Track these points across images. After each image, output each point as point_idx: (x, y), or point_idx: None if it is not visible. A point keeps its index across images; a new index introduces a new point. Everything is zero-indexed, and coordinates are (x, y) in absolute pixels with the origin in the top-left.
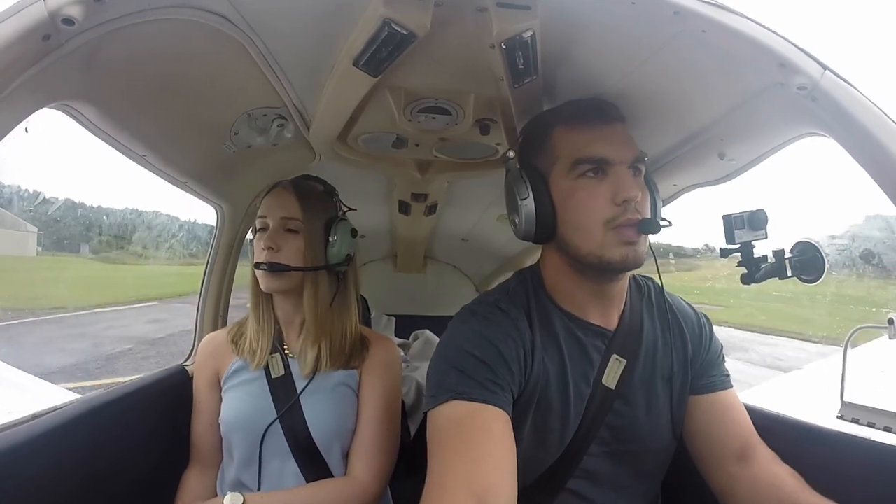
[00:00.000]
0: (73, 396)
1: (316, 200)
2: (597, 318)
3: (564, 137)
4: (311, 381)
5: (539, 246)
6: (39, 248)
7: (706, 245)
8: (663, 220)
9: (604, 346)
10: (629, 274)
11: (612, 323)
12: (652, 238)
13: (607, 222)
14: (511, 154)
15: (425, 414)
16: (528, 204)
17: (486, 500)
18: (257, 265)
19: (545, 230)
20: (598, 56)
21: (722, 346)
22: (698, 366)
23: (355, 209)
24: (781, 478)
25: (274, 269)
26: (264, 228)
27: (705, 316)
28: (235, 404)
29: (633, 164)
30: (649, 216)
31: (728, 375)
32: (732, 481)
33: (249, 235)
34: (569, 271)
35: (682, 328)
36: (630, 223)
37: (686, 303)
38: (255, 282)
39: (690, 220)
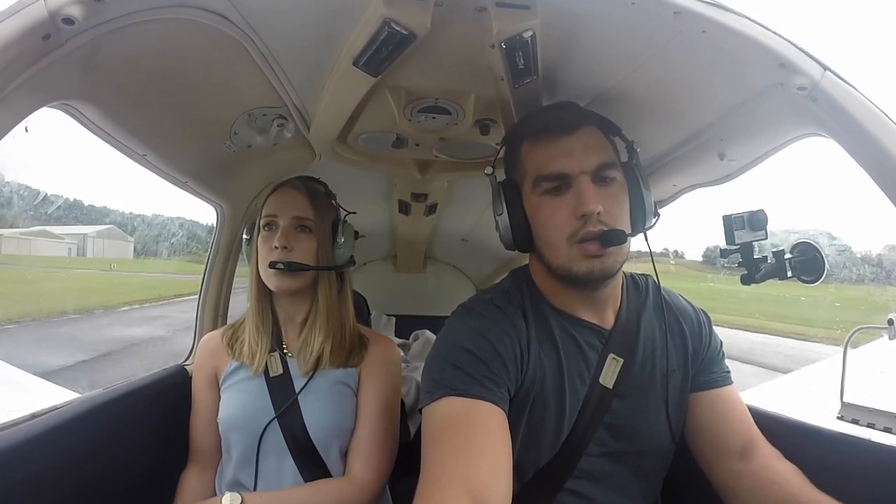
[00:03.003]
0: (73, 395)
1: (323, 201)
2: (591, 318)
3: (529, 153)
4: (310, 378)
5: None
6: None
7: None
8: (655, 215)
9: (600, 344)
10: (620, 276)
11: (608, 322)
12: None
13: (570, 237)
14: (488, 170)
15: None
16: (504, 219)
17: (482, 497)
18: (272, 265)
19: (523, 242)
20: (598, 56)
21: (722, 343)
22: (699, 363)
23: (355, 212)
24: (784, 474)
25: (293, 268)
26: (272, 227)
27: (704, 312)
28: (233, 403)
29: (596, 173)
30: (620, 225)
31: (728, 372)
32: (735, 478)
33: (245, 235)
34: (552, 279)
35: (681, 325)
36: (592, 237)
37: (685, 299)
38: (258, 282)
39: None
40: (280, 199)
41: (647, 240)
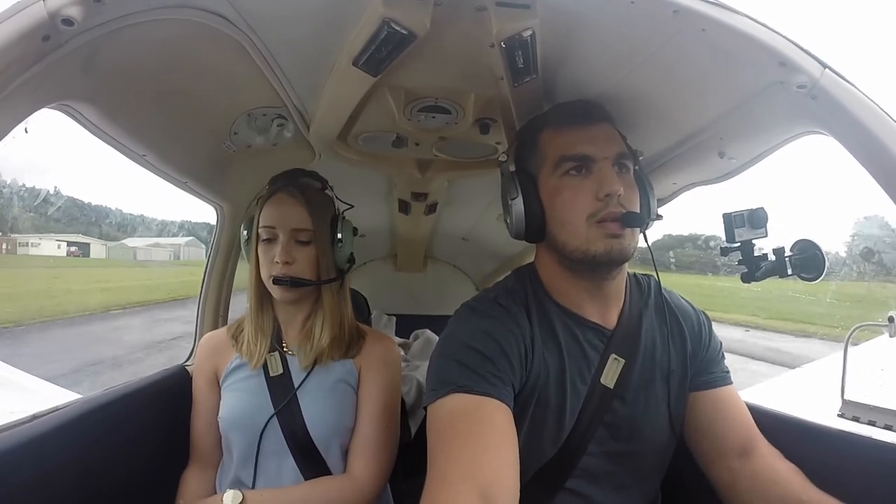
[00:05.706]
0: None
1: (320, 202)
2: (595, 316)
3: (551, 139)
4: (310, 372)
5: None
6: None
7: None
8: (658, 216)
9: (602, 344)
10: (626, 271)
11: (610, 321)
12: None
13: (591, 217)
14: (503, 157)
15: (425, 410)
16: (518, 204)
17: (490, 493)
18: (276, 280)
19: (535, 228)
20: (598, 55)
21: (721, 343)
22: (698, 363)
23: (352, 206)
24: (783, 473)
25: (296, 284)
26: (272, 240)
27: (704, 313)
28: (234, 402)
29: (616, 161)
30: (637, 210)
31: (728, 372)
32: (734, 477)
33: (243, 231)
34: (561, 270)
35: (681, 325)
36: (613, 216)
37: (685, 300)
38: (258, 285)
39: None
40: (277, 210)
41: (646, 240)
